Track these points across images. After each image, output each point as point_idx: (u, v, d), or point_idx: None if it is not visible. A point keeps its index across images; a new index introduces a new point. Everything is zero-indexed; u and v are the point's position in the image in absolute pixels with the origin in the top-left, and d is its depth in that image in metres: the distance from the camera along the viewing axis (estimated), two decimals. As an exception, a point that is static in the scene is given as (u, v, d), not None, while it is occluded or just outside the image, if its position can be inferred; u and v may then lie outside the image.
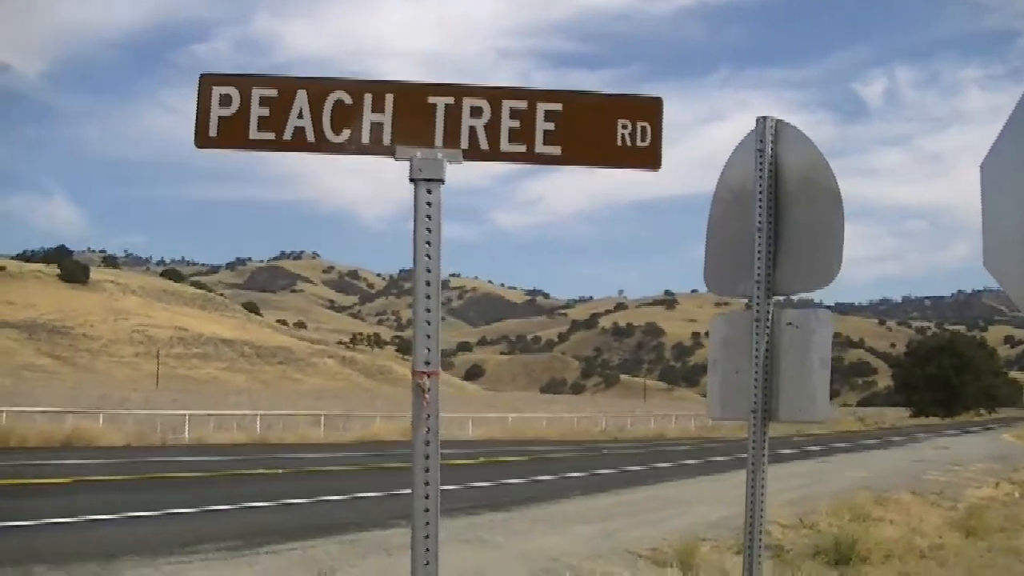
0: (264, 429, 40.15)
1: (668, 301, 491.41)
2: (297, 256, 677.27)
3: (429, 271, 4.06)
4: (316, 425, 42.88)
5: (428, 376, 3.98)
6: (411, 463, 3.99)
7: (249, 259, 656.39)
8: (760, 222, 5.09)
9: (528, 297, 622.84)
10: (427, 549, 3.97)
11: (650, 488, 20.88)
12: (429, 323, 4.04)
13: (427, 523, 3.96)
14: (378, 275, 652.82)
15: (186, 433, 36.05)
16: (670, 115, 4.31)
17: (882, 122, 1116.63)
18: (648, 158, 4.39)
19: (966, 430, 70.22)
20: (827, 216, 5.05)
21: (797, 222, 5.12)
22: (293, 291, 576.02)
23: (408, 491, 4.02)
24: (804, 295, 5.31)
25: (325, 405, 48.80)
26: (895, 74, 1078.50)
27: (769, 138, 5.17)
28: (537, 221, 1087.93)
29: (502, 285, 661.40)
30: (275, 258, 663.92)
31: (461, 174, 4.39)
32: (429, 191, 4.16)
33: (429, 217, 4.12)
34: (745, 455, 5.44)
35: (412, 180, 4.16)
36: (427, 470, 3.98)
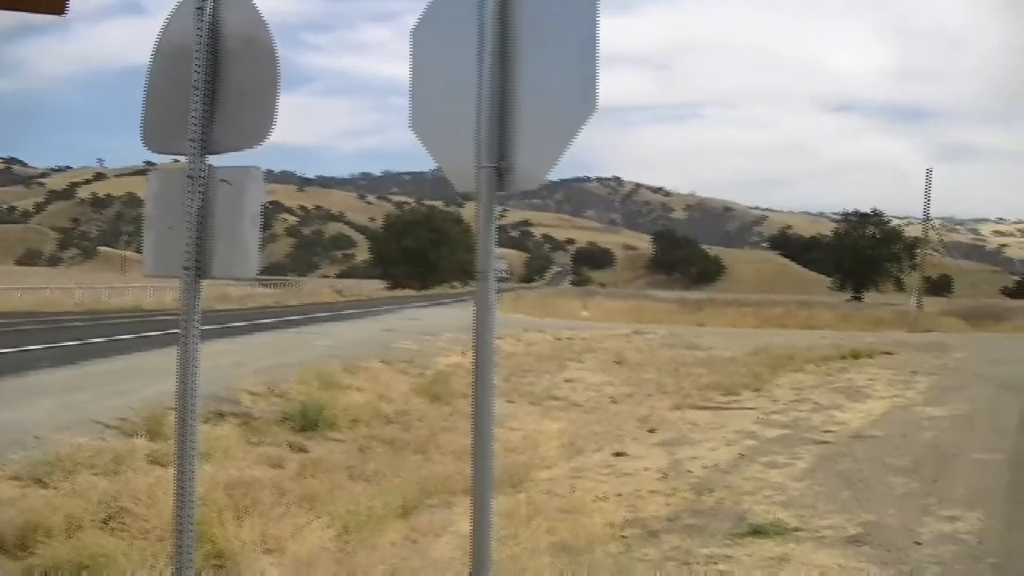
0: None
1: (148, 171, 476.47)
2: None
3: None
4: None
5: None
6: None
7: None
8: (197, 80, 5.13)
9: (3, 165, 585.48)
10: None
11: (118, 360, 20.49)
12: None
13: None
14: None
15: None
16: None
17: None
18: (52, 2, 4.32)
19: (440, 302, 73.35)
20: (264, 76, 5.19)
21: (234, 81, 5.24)
22: None
23: None
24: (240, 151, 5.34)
25: None
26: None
27: (210, -5, 5.19)
28: (19, 86, 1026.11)
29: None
30: None
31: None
32: None
33: None
34: (218, 326, 5.49)
35: None
36: None
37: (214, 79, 5.18)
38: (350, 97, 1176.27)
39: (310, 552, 7.76)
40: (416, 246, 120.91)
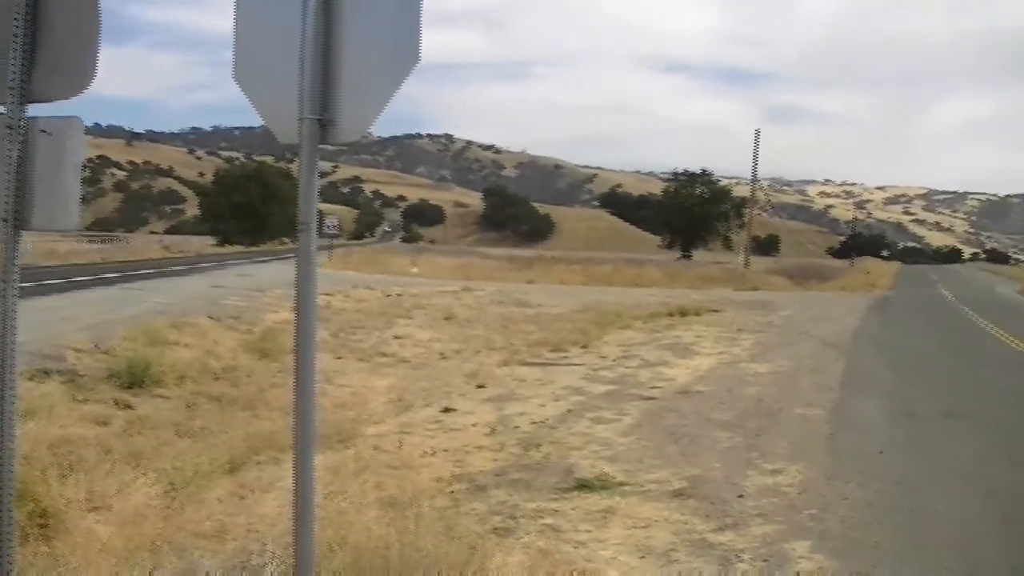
0: None
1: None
2: None
3: None
4: None
5: None
6: None
7: None
8: (16, 27, 5.00)
9: None
10: None
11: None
12: None
13: None
14: None
15: None
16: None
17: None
18: None
19: (270, 258, 72.38)
20: (85, 24, 5.09)
21: (54, 29, 5.10)
22: None
23: None
24: (62, 101, 5.23)
25: None
26: None
27: (27, -62, 5.05)
28: None
29: None
30: None
31: None
32: None
33: None
34: (45, 282, 5.37)
35: None
36: None
37: (34, 27, 5.05)
38: (180, 51, 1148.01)
39: (136, 509, 7.70)
40: (246, 202, 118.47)
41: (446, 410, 14.39)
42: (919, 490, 10.15)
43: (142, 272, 44.14)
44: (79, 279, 34.85)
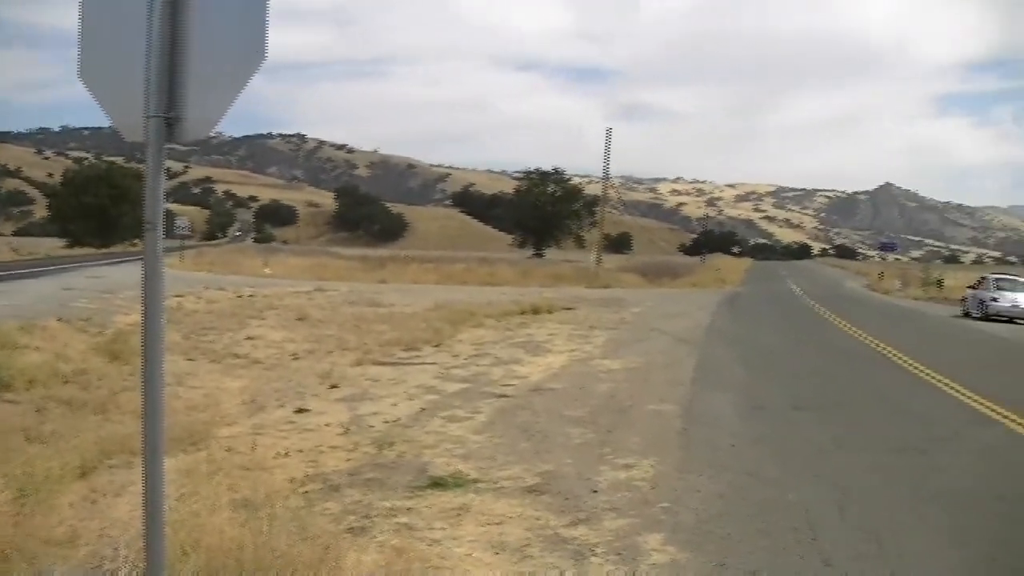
0: None
1: None
2: None
3: None
4: None
5: None
6: None
7: None
8: None
9: None
10: None
11: None
12: None
13: None
14: None
15: None
16: None
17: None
18: None
19: (122, 260, 71.04)
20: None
21: None
22: None
23: None
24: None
25: None
26: None
27: None
28: None
29: None
30: None
31: None
32: None
33: None
34: None
35: None
36: None
37: None
38: (27, 48, 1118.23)
39: (-16, 516, 7.50)
40: (96, 203, 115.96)
41: (299, 411, 14.28)
42: (769, 481, 10.40)
43: (-12, 276, 43.01)
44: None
